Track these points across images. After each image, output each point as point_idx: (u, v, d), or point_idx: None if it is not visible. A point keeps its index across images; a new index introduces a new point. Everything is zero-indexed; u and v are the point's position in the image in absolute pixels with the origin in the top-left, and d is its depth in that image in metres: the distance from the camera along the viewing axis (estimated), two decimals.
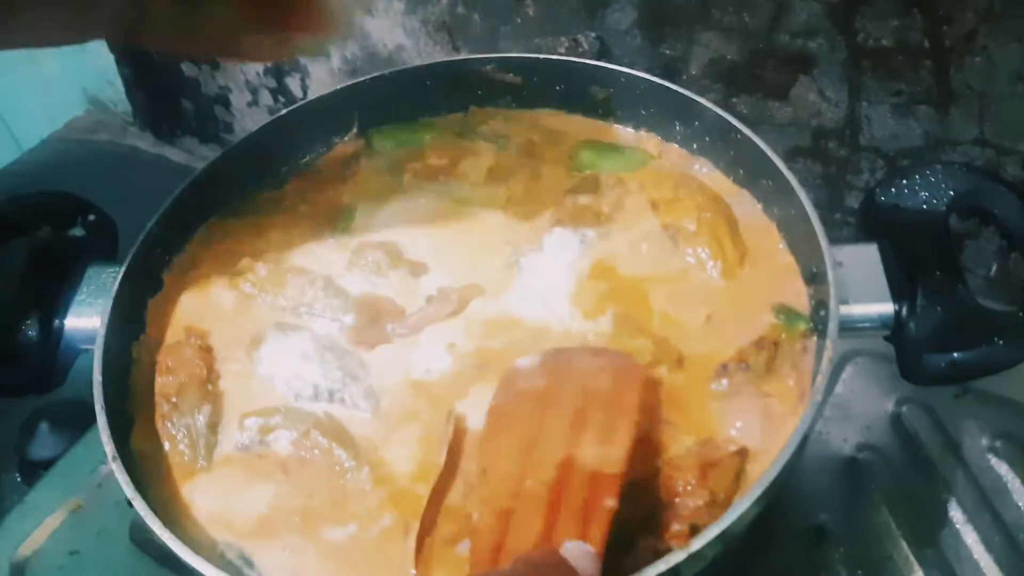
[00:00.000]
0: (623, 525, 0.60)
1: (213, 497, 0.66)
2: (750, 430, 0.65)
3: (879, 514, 0.80)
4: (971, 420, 0.85)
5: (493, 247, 0.79)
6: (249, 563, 0.62)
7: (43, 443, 1.03)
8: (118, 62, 1.55)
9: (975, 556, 0.76)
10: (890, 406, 0.88)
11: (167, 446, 0.68)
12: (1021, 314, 0.63)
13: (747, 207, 0.81)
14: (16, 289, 0.73)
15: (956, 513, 0.79)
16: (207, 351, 0.74)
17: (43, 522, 0.86)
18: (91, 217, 0.79)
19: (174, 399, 0.70)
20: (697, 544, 0.54)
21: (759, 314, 0.72)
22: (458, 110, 0.95)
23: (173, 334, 0.75)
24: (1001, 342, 0.63)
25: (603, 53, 1.08)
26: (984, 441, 0.84)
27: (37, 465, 0.96)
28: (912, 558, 0.77)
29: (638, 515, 0.60)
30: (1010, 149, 0.90)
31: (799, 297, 0.73)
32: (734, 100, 1.03)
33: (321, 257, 0.81)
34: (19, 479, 1.01)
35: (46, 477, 0.90)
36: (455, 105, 0.95)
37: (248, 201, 0.87)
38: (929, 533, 0.78)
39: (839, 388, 0.89)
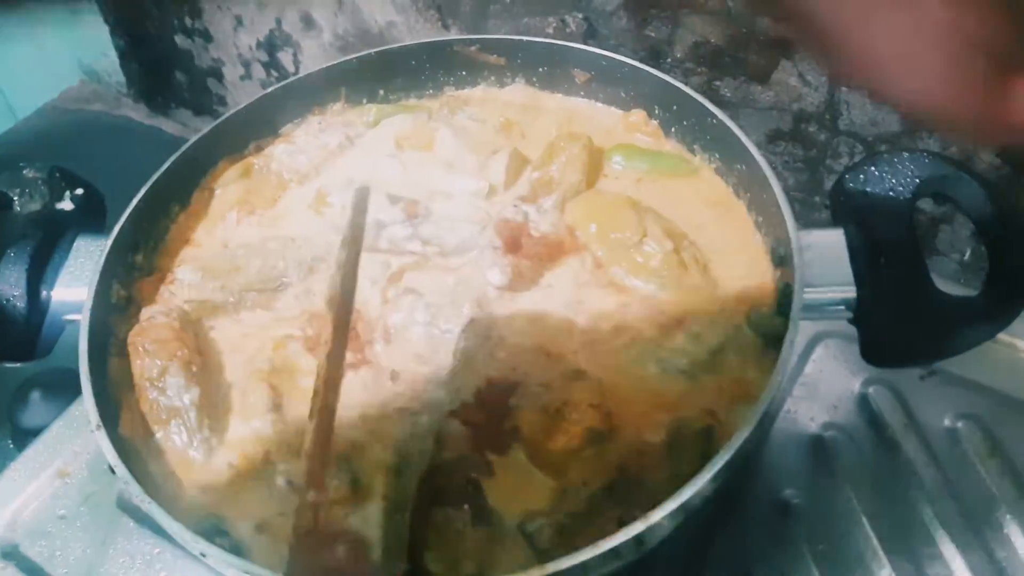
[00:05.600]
0: (589, 495, 0.63)
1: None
2: None
3: (842, 491, 0.82)
4: (935, 401, 0.87)
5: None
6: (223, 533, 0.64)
7: (35, 411, 1.05)
8: (112, 33, 1.55)
9: (932, 533, 0.79)
10: (857, 387, 0.90)
11: (156, 430, 0.69)
12: (977, 300, 0.65)
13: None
14: (4, 260, 0.74)
15: (916, 491, 0.81)
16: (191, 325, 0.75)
17: (32, 487, 0.88)
18: (79, 191, 0.80)
19: (159, 384, 0.69)
20: (656, 516, 0.56)
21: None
22: (442, 89, 0.96)
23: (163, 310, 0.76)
24: (957, 327, 0.65)
25: (590, 34, 1.09)
26: (946, 422, 0.86)
27: (28, 432, 0.98)
28: (872, 534, 0.79)
29: (604, 485, 0.63)
30: None
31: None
32: (717, 83, 1.04)
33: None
34: (11, 445, 1.04)
35: (35, 443, 0.92)
36: (440, 84, 0.96)
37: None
38: (890, 510, 0.80)
39: (808, 368, 0.91)
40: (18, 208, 0.78)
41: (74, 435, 0.92)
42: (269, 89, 0.90)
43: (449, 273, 0.77)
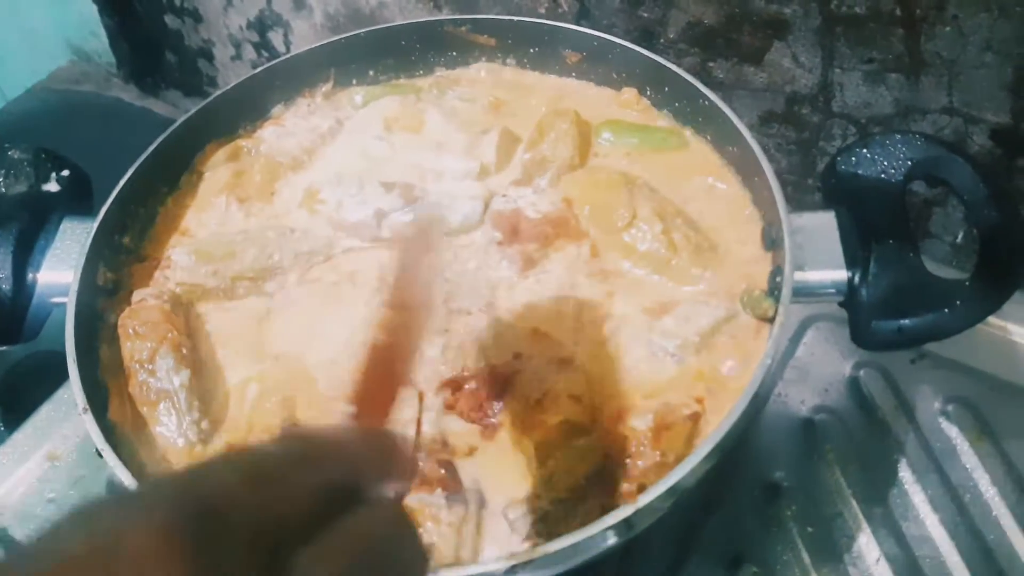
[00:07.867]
0: (574, 481, 0.63)
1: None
2: None
3: (832, 473, 0.82)
4: (925, 384, 0.87)
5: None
6: None
7: (24, 394, 1.04)
8: (101, 12, 1.54)
9: (921, 515, 0.79)
10: (848, 370, 0.90)
11: (146, 413, 0.68)
12: (967, 283, 0.65)
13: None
14: None
15: (906, 473, 0.82)
16: (182, 308, 0.74)
17: (21, 470, 0.88)
18: (65, 172, 0.79)
19: (149, 366, 0.68)
20: (644, 500, 0.56)
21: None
22: (433, 70, 0.95)
23: (154, 292, 0.75)
24: (947, 310, 0.65)
25: (583, 15, 1.08)
26: (936, 405, 0.86)
27: (18, 416, 0.97)
28: (861, 516, 0.79)
29: (588, 472, 0.63)
30: (978, 118, 0.91)
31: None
32: (710, 65, 1.03)
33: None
34: (2, 428, 1.04)
35: (24, 426, 0.91)
36: (430, 65, 0.95)
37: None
38: (879, 492, 0.81)
39: (799, 351, 0.91)
40: (3, 189, 0.78)
41: (64, 418, 0.91)
42: (257, 70, 0.89)
43: (450, 251, 0.77)
